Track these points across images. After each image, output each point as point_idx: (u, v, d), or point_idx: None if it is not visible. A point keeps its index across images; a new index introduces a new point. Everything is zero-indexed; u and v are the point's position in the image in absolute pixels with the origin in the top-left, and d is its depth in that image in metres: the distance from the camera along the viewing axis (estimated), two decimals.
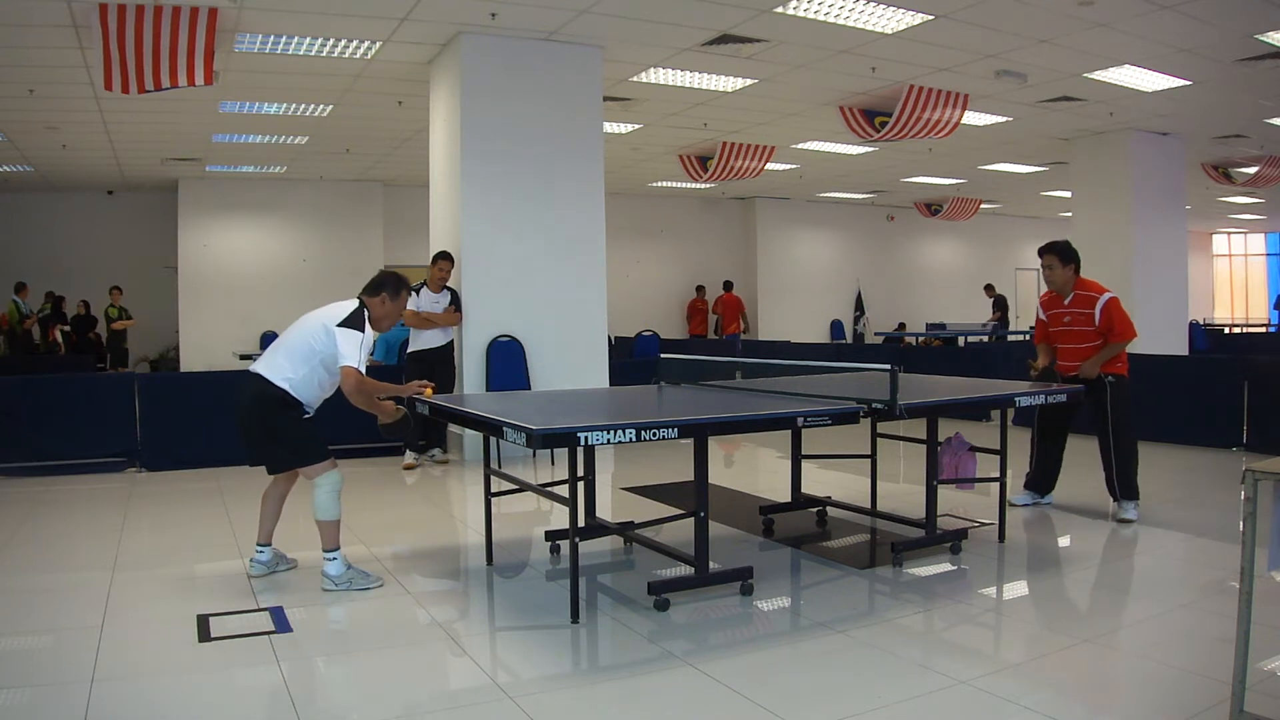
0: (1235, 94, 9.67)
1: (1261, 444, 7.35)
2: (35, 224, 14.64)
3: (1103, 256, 11.83)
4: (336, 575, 4.11)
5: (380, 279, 4.30)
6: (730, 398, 4.72)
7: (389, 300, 4.24)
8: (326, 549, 4.12)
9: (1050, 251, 5.47)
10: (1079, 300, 5.44)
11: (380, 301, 4.22)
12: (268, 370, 4.08)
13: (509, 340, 7.74)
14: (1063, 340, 5.54)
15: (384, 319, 4.26)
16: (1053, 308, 5.57)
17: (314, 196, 14.88)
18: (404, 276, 4.39)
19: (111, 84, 6.68)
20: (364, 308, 4.15)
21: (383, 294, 4.23)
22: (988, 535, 4.99)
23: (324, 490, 4.10)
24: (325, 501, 4.11)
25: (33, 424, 7.14)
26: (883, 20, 7.37)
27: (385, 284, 4.26)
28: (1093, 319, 5.36)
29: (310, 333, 4.09)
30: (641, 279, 17.62)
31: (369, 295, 4.23)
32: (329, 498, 4.11)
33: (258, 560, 4.36)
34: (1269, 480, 2.58)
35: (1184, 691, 2.98)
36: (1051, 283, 5.52)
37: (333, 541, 4.12)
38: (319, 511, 4.11)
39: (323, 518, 4.11)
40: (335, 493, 4.12)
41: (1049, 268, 5.47)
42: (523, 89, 7.77)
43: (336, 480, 4.14)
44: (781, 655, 3.45)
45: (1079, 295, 5.45)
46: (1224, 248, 26.36)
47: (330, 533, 4.12)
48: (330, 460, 4.16)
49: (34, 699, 3.04)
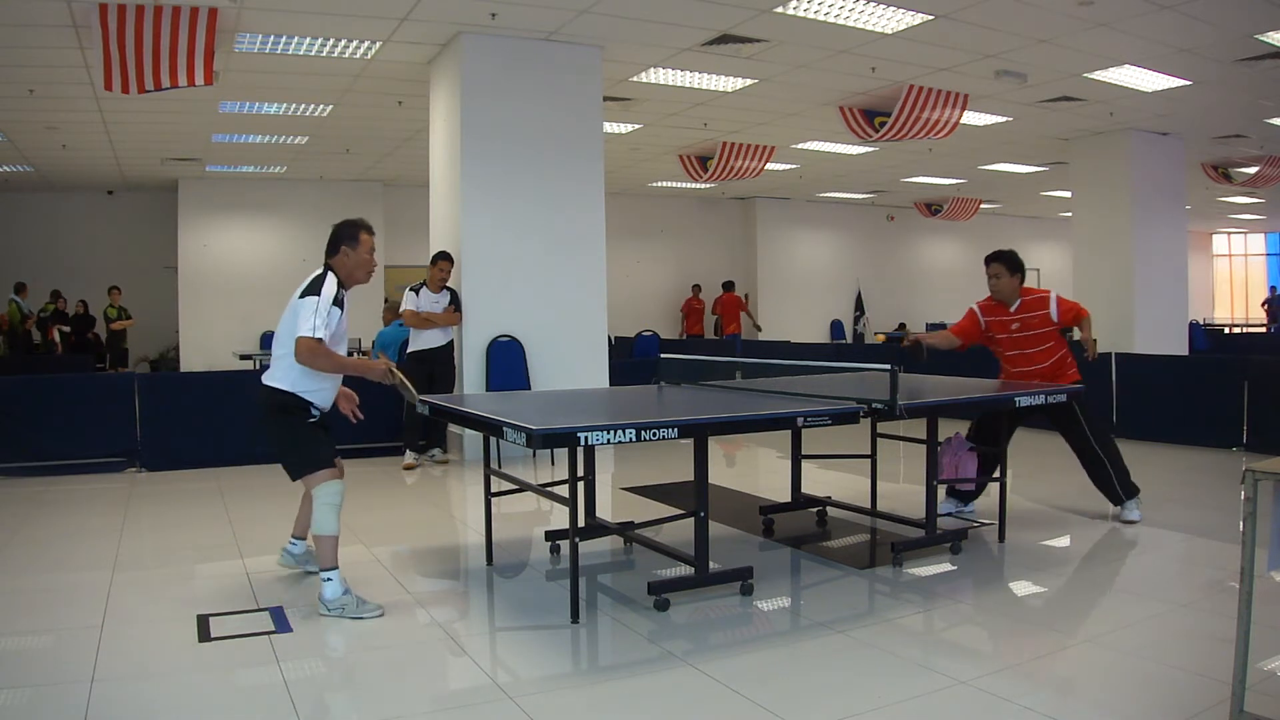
0: (1235, 94, 9.67)
1: (1261, 444, 7.35)
2: (35, 224, 14.65)
3: (1103, 256, 11.87)
4: (331, 599, 3.77)
5: (333, 234, 4.06)
6: (730, 398, 4.72)
7: (350, 250, 4.00)
8: (322, 567, 3.81)
9: (997, 260, 5.39)
10: (1028, 305, 5.36)
11: (344, 255, 4.00)
12: (269, 376, 3.94)
13: (509, 340, 7.74)
14: (1013, 348, 5.44)
15: (356, 269, 4.02)
16: (996, 315, 5.46)
17: (314, 196, 14.87)
18: (354, 220, 4.11)
19: (111, 84, 6.68)
20: (328, 271, 3.95)
21: (341, 247, 4.01)
22: (988, 535, 4.99)
23: (319, 503, 3.83)
24: (321, 515, 3.82)
25: (33, 424, 7.14)
26: (883, 20, 7.37)
27: (340, 236, 4.02)
28: (1049, 318, 5.30)
29: (287, 320, 3.89)
30: (641, 279, 17.62)
31: (330, 256, 4.03)
32: (325, 511, 3.81)
33: (288, 551, 4.30)
34: (1269, 480, 2.58)
35: (1184, 691, 2.98)
36: (998, 291, 5.41)
37: (329, 560, 3.79)
38: (314, 525, 3.84)
39: (317, 532, 3.82)
40: (333, 507, 3.83)
41: (995, 276, 5.38)
42: (523, 89, 7.77)
43: (335, 492, 3.85)
44: (781, 655, 3.45)
45: (1026, 301, 5.37)
46: (1224, 248, 26.37)
47: (327, 550, 3.80)
48: (329, 470, 3.88)
49: (34, 699, 3.04)
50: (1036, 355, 5.39)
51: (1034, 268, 22.02)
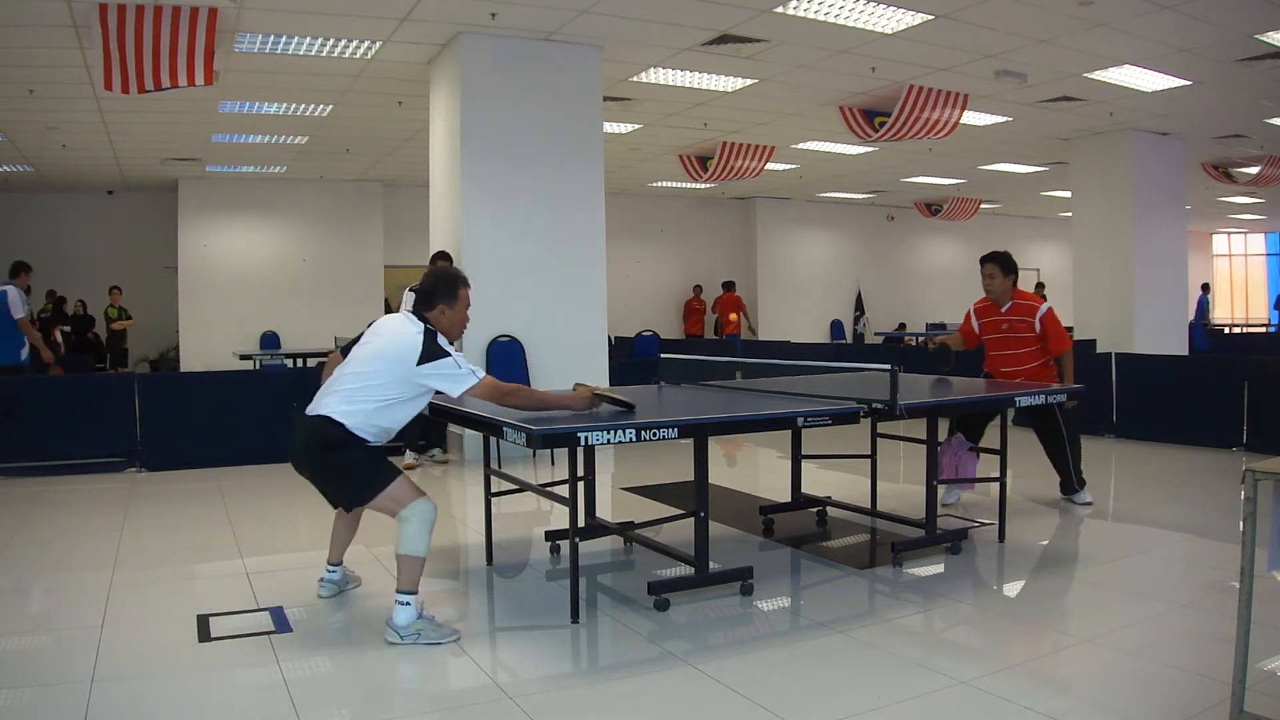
0: (1235, 94, 9.67)
1: (1261, 444, 7.35)
2: (35, 224, 14.63)
3: (1103, 256, 11.87)
4: (404, 625, 3.43)
5: (430, 287, 3.66)
6: (730, 398, 4.72)
7: (448, 308, 3.64)
8: (401, 589, 3.45)
9: (992, 261, 5.64)
10: (1017, 309, 5.60)
11: (440, 314, 3.63)
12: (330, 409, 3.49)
13: (509, 340, 7.74)
14: (998, 348, 5.70)
15: (453, 327, 3.67)
16: (988, 315, 5.71)
17: (314, 196, 14.88)
18: (454, 274, 3.76)
19: (111, 84, 6.68)
20: (428, 326, 3.55)
21: (439, 305, 3.63)
22: (988, 535, 4.99)
23: (413, 522, 3.46)
24: (413, 534, 3.46)
25: (33, 424, 7.14)
26: (883, 20, 7.37)
27: (437, 292, 3.64)
28: (1032, 327, 5.54)
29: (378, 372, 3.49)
30: (641, 279, 17.62)
31: (425, 309, 3.63)
32: (418, 530, 3.46)
33: (328, 580, 4.01)
34: (1269, 480, 2.58)
35: (1184, 691, 2.98)
36: (990, 291, 5.66)
37: (410, 583, 3.43)
38: (402, 543, 3.46)
39: (406, 551, 3.44)
40: (427, 525, 3.48)
41: (990, 276, 5.63)
42: (523, 89, 7.77)
43: (429, 512, 3.49)
44: (781, 655, 3.45)
45: (1017, 304, 5.61)
46: (1224, 248, 26.37)
47: (412, 572, 3.44)
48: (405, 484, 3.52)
49: (34, 699, 3.04)
50: (1022, 356, 5.60)
51: (1034, 268, 22.23)
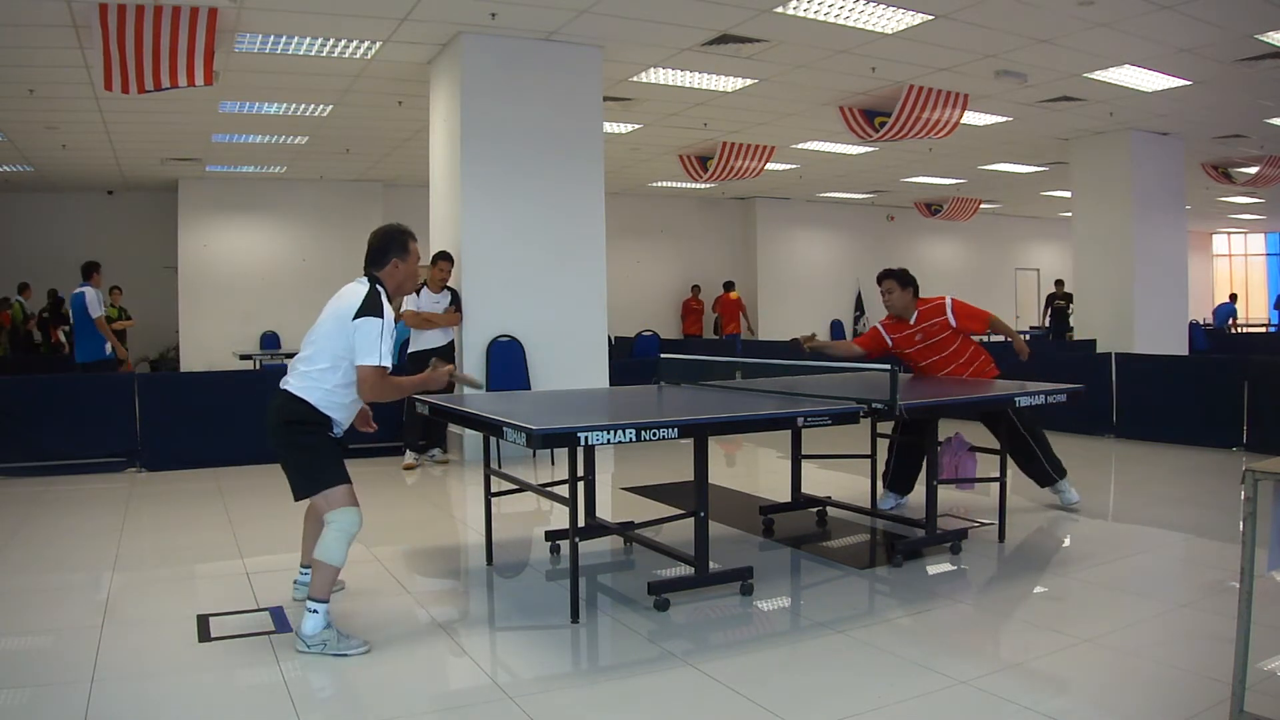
0: (1235, 94, 9.67)
1: (1261, 444, 7.34)
2: (35, 224, 14.64)
3: (1103, 257, 11.87)
4: (310, 634, 3.33)
5: (382, 243, 3.65)
6: (730, 398, 4.72)
7: (400, 262, 3.64)
8: (312, 596, 3.38)
9: (889, 277, 5.65)
10: (925, 314, 5.58)
11: (393, 268, 3.63)
12: (293, 385, 3.50)
13: (509, 340, 7.74)
14: (923, 358, 5.65)
15: (405, 282, 3.69)
16: (899, 331, 5.66)
17: (314, 196, 14.88)
18: (401, 228, 3.75)
19: (111, 84, 6.69)
20: (377, 285, 3.55)
21: (391, 259, 3.63)
22: (988, 535, 4.99)
23: (334, 528, 3.41)
24: (330, 540, 3.41)
25: (33, 424, 7.14)
26: (883, 20, 7.38)
27: (389, 247, 3.64)
28: (948, 323, 5.53)
29: (330, 335, 3.48)
30: (641, 279, 17.61)
31: (376, 267, 3.63)
32: (337, 538, 3.41)
33: (300, 583, 3.92)
34: (1269, 480, 2.58)
35: (1184, 691, 2.98)
36: (892, 307, 5.64)
37: (321, 591, 3.37)
38: (320, 549, 3.42)
39: (321, 558, 3.40)
40: (347, 536, 3.43)
41: (888, 292, 5.62)
42: (523, 89, 7.77)
43: (354, 521, 3.44)
44: (781, 655, 3.46)
45: (923, 311, 5.59)
46: (1224, 248, 26.37)
47: (324, 579, 3.39)
48: (346, 489, 3.46)
49: (34, 699, 3.04)
50: (948, 358, 5.60)
51: (1034, 267, 22.23)
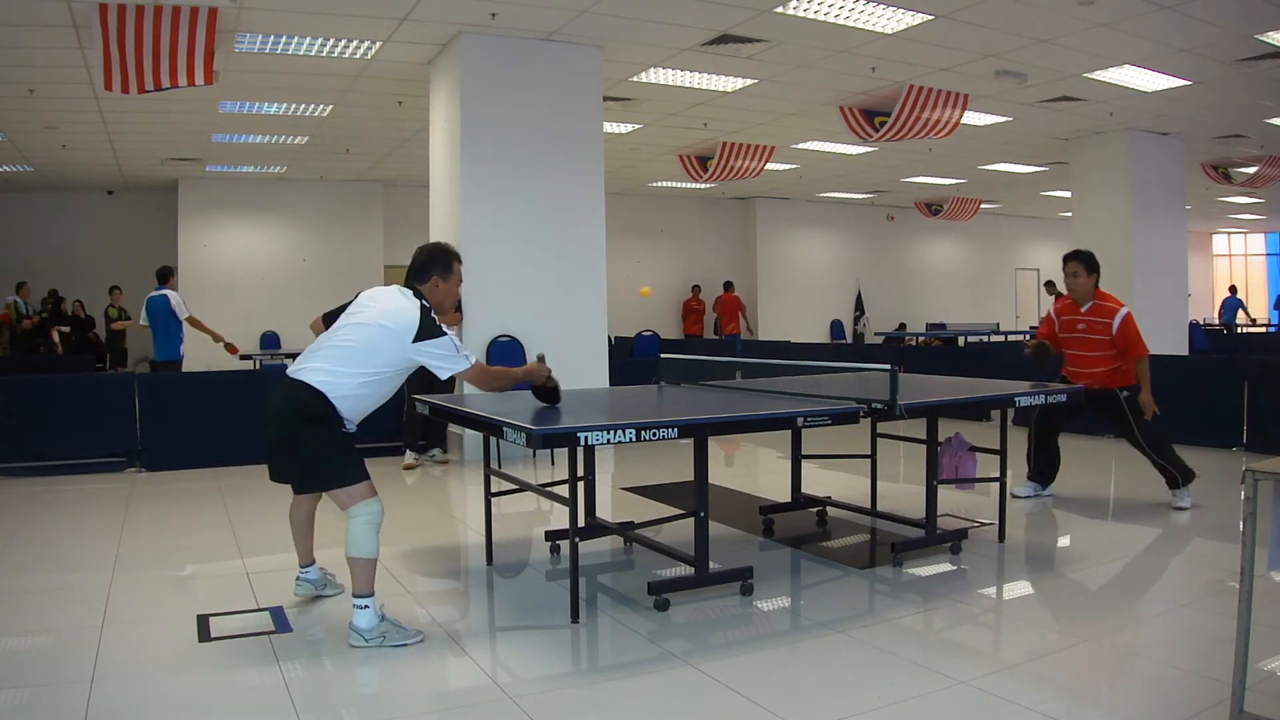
0: (1235, 94, 9.67)
1: (1261, 444, 7.34)
2: (35, 224, 14.65)
3: (1103, 257, 11.59)
4: (367, 628, 3.38)
5: (427, 260, 3.71)
6: (730, 398, 4.72)
7: (441, 281, 3.70)
8: (356, 593, 3.42)
9: (1075, 259, 5.61)
10: (1096, 310, 5.55)
11: (434, 286, 3.69)
12: (311, 375, 3.46)
13: (509, 340, 7.74)
14: (1073, 347, 5.63)
15: (445, 300, 3.74)
16: (1068, 313, 5.66)
17: (314, 196, 14.88)
18: (448, 248, 3.83)
19: (111, 84, 6.69)
20: (421, 300, 3.58)
21: (433, 277, 3.68)
22: (988, 535, 4.99)
23: (359, 522, 3.43)
24: (359, 534, 3.42)
25: (33, 424, 7.14)
26: (883, 20, 7.38)
27: (431, 265, 3.69)
28: (1109, 329, 5.47)
29: (374, 344, 3.47)
30: (641, 279, 17.58)
31: (419, 281, 3.68)
32: (364, 531, 3.42)
33: (303, 579, 3.96)
34: (1269, 480, 2.58)
35: (1184, 691, 2.98)
36: (1073, 290, 5.61)
37: (365, 585, 3.41)
38: (350, 545, 3.42)
39: (354, 553, 3.42)
40: (373, 526, 3.44)
41: (1073, 275, 5.58)
42: (523, 89, 7.77)
43: (376, 513, 3.46)
44: (781, 655, 3.45)
45: (1097, 305, 5.56)
46: (1224, 248, 26.36)
47: (362, 574, 3.42)
48: (367, 485, 3.48)
49: (34, 699, 3.04)
50: (1095, 360, 5.53)
51: (1034, 267, 22.23)
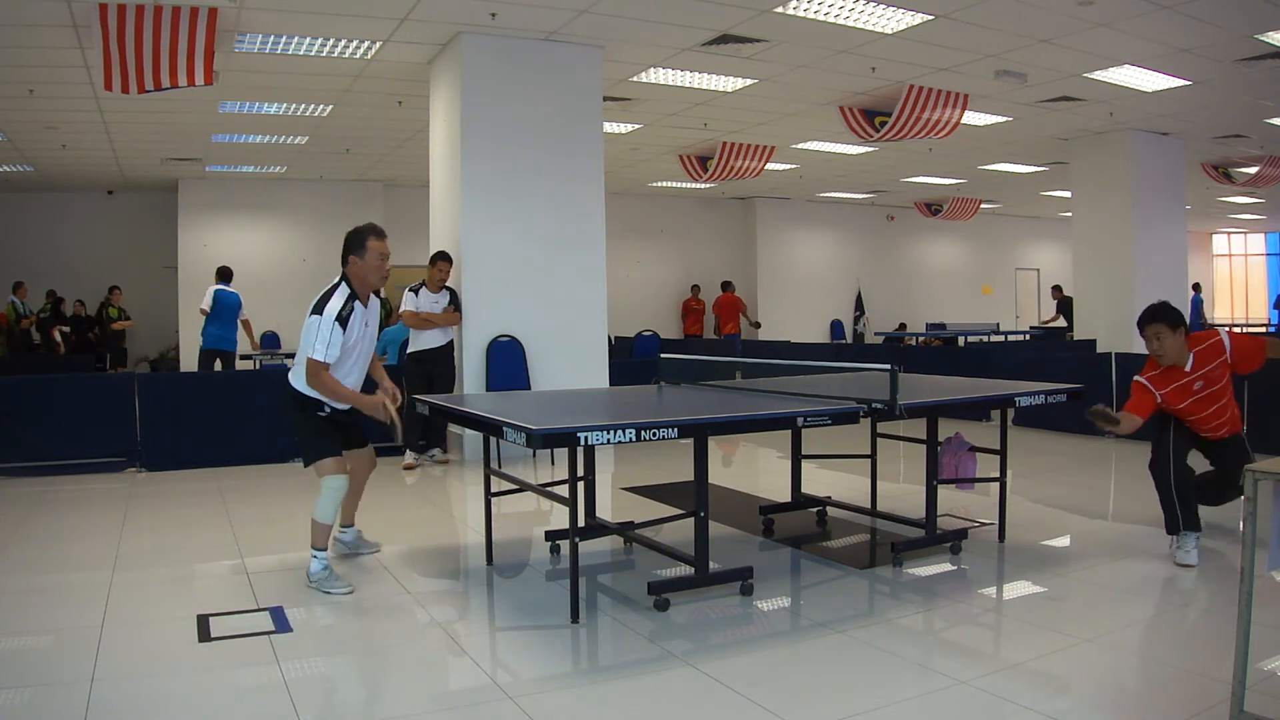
0: (1235, 94, 9.67)
1: (1261, 444, 7.32)
2: (35, 224, 14.63)
3: (1103, 256, 11.87)
4: (314, 573, 4.15)
5: (344, 243, 4.25)
6: (730, 398, 4.72)
7: (358, 259, 4.20)
8: (313, 546, 4.19)
9: (1156, 320, 4.46)
10: (1202, 356, 4.50)
11: (353, 265, 4.21)
12: (291, 374, 4.25)
13: (509, 340, 7.73)
14: (1197, 411, 4.56)
15: (368, 274, 4.21)
16: (1171, 382, 4.50)
17: (314, 196, 14.87)
18: (361, 227, 4.28)
19: (111, 84, 6.68)
20: (341, 281, 4.19)
21: (350, 256, 4.21)
22: (988, 535, 4.99)
23: (323, 491, 4.16)
24: (321, 503, 4.16)
25: (33, 424, 7.13)
26: (883, 20, 7.37)
27: (348, 246, 4.22)
28: (1226, 365, 4.51)
29: (306, 332, 4.15)
30: (641, 279, 17.61)
31: (343, 265, 4.24)
32: (326, 500, 4.15)
33: (340, 540, 4.63)
34: (1269, 480, 2.58)
35: (1184, 691, 2.98)
36: (1163, 357, 4.48)
37: (320, 542, 4.18)
38: (315, 509, 4.18)
39: (315, 516, 4.18)
40: (333, 498, 4.16)
41: (1157, 338, 4.46)
42: (523, 89, 7.77)
43: (337, 486, 4.17)
44: (781, 655, 3.46)
45: (1199, 354, 4.50)
46: (1224, 248, 26.37)
47: (320, 534, 4.18)
48: (335, 461, 4.17)
49: (34, 699, 3.04)
50: (1223, 408, 4.61)
51: (1034, 267, 22.23)
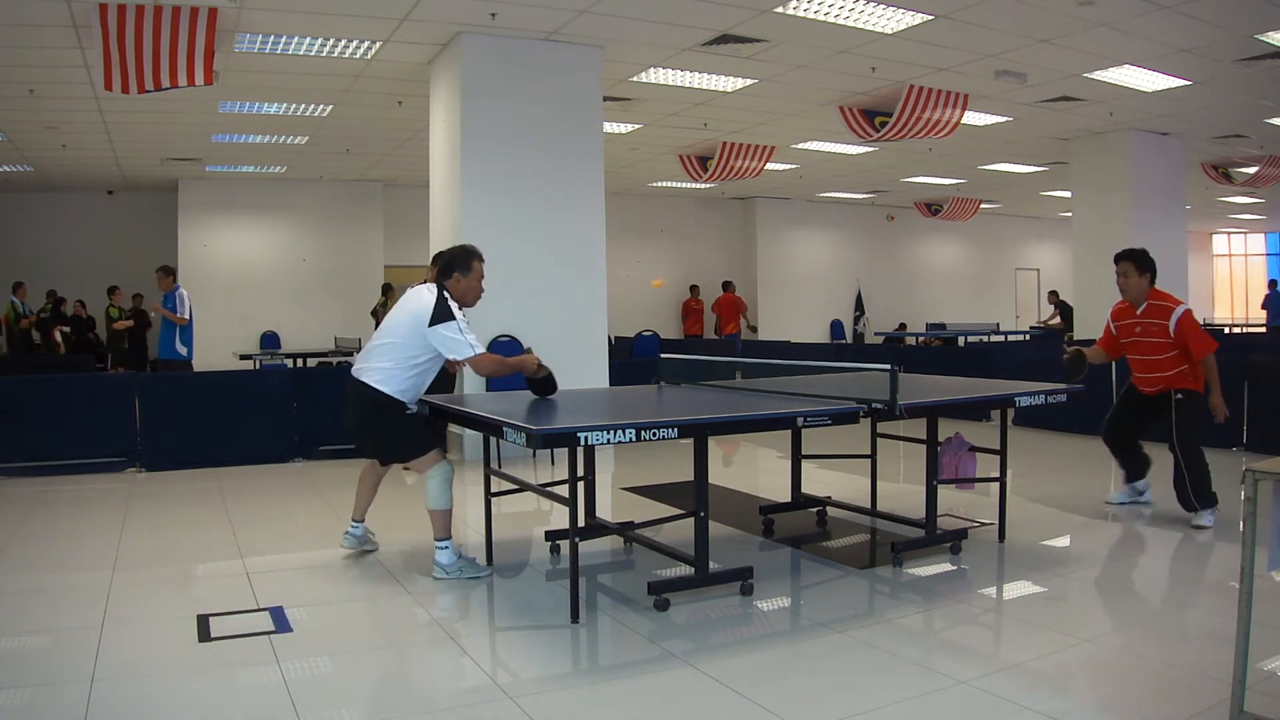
0: (1235, 94, 9.67)
1: (1261, 444, 7.34)
2: (35, 224, 14.65)
3: (1103, 256, 11.77)
4: (448, 564, 4.23)
5: (447, 260, 4.36)
6: (730, 398, 4.72)
7: (462, 277, 4.31)
8: (437, 538, 4.25)
9: (1126, 259, 5.23)
10: (1152, 310, 5.19)
11: (456, 281, 4.30)
12: (369, 376, 4.23)
13: (509, 340, 7.73)
14: (1134, 352, 5.31)
15: (468, 293, 4.33)
16: (1123, 318, 5.34)
17: (314, 196, 14.88)
18: (470, 249, 4.40)
19: (111, 84, 6.69)
20: (444, 292, 4.23)
21: (454, 273, 4.31)
22: (988, 535, 4.99)
23: (435, 481, 4.23)
24: (435, 491, 4.22)
25: (33, 424, 7.13)
26: (883, 20, 7.38)
27: (454, 262, 4.33)
28: (1166, 330, 5.10)
29: (402, 335, 4.21)
30: (641, 279, 17.60)
31: (444, 278, 4.32)
32: (439, 487, 4.22)
33: (350, 534, 4.67)
34: (1269, 480, 2.58)
35: (1184, 691, 2.98)
36: (1125, 292, 5.27)
37: (443, 530, 4.24)
38: (429, 500, 4.23)
39: (433, 506, 4.22)
40: (446, 482, 4.24)
41: (1124, 275, 5.23)
42: (523, 89, 7.77)
43: (447, 471, 4.27)
44: (781, 655, 3.46)
45: (1152, 305, 5.20)
46: (1224, 248, 26.37)
47: (441, 521, 4.24)
48: (437, 451, 4.29)
49: (34, 699, 3.04)
50: (1157, 363, 5.18)
51: (1034, 268, 22.22)
